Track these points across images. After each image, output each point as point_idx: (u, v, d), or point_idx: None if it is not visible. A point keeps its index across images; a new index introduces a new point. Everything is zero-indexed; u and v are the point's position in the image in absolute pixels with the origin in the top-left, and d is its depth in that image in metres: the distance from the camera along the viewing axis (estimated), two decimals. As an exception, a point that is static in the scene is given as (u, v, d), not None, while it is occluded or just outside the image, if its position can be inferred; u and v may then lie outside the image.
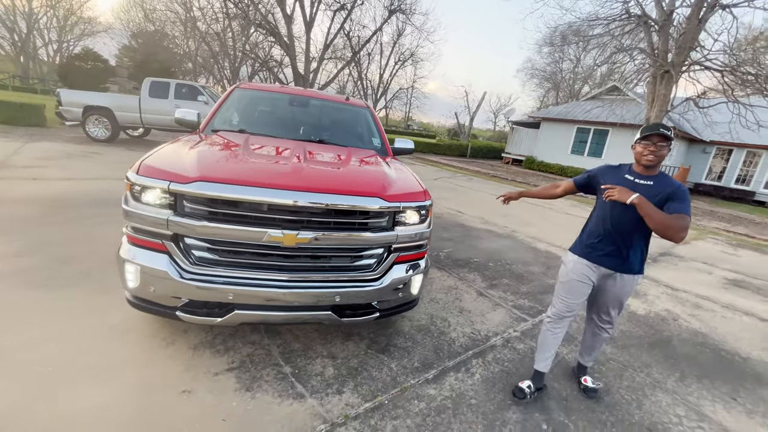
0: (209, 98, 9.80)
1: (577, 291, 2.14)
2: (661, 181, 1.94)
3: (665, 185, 1.90)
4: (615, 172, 2.09)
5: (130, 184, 1.87)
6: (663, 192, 1.87)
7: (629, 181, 1.98)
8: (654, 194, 1.87)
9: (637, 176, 1.98)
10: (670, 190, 1.87)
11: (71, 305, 2.48)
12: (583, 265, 2.11)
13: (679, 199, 1.82)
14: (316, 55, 23.13)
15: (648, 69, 13.48)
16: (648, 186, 1.92)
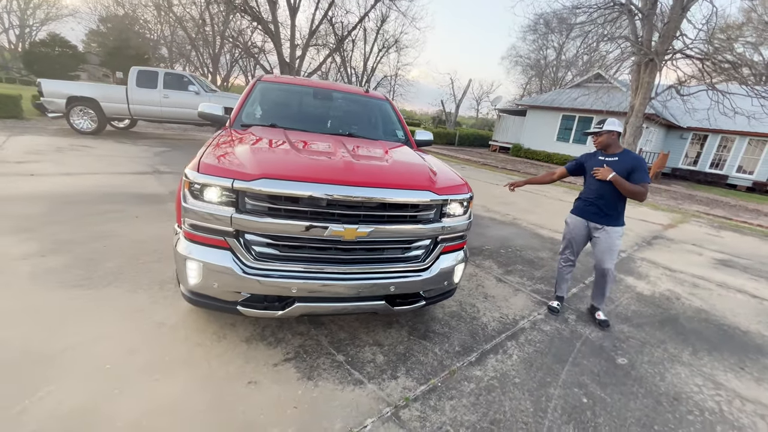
0: (200, 88, 9.52)
1: (576, 241, 3.13)
2: (624, 156, 2.86)
3: (628, 160, 2.83)
4: (593, 156, 3.02)
5: (189, 182, 1.88)
6: (627, 165, 2.80)
7: (601, 161, 2.92)
8: (621, 168, 2.80)
9: (606, 156, 2.94)
10: (631, 163, 2.79)
11: (113, 304, 2.47)
12: (579, 221, 3.08)
13: (640, 170, 2.76)
14: (300, 41, 22.63)
15: (629, 56, 13.85)
16: (615, 161, 2.86)
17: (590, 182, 2.99)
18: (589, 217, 3.00)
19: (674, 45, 12.52)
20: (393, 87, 41.30)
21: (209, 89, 9.95)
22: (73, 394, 1.73)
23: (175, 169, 6.77)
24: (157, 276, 2.91)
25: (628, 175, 2.77)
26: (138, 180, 5.68)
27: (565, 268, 3.23)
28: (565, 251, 3.19)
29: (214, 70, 29.54)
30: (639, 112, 12.98)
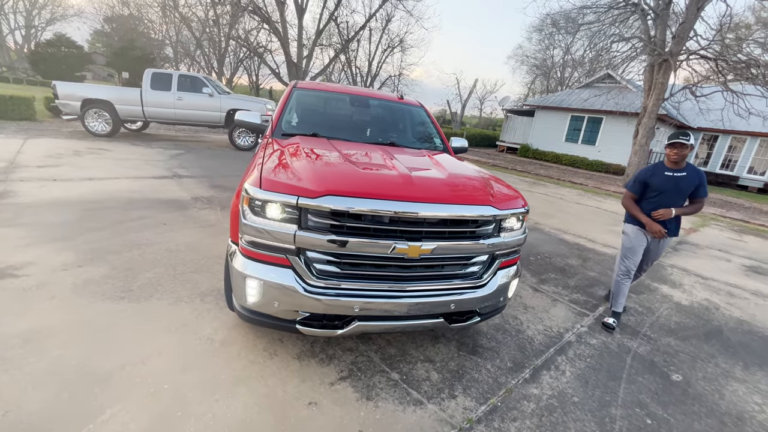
0: (214, 90, 9.48)
1: (637, 251, 3.05)
2: (691, 171, 2.85)
3: (695, 175, 2.85)
4: (657, 171, 2.91)
5: (250, 197, 1.83)
6: (695, 180, 2.83)
7: (669, 176, 2.86)
8: (690, 183, 2.83)
9: (673, 171, 2.86)
10: (698, 178, 2.84)
11: (158, 318, 2.43)
12: (640, 231, 3.05)
13: (704, 185, 2.86)
14: (307, 42, 22.57)
15: (638, 56, 13.73)
16: (684, 177, 2.83)
17: (651, 202, 2.95)
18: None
19: (688, 45, 12.40)
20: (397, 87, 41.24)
21: (223, 91, 9.91)
22: (137, 417, 1.69)
23: (193, 172, 6.73)
24: (196, 288, 2.87)
25: (695, 189, 2.85)
26: (159, 185, 5.64)
27: (623, 280, 3.10)
28: (627, 263, 3.07)
29: (219, 70, 29.54)
30: (652, 113, 12.85)
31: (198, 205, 4.87)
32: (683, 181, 2.82)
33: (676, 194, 2.85)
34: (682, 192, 2.86)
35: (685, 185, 2.82)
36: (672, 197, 2.86)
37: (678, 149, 2.74)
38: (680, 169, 2.83)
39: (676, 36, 12.15)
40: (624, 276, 3.10)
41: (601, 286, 3.96)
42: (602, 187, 12.62)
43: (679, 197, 2.86)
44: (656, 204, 2.91)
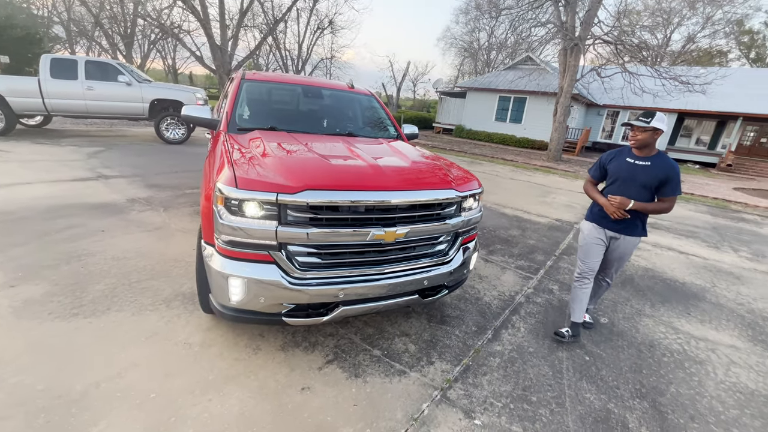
0: (132, 78, 8.53)
1: (592, 252, 2.63)
2: (658, 162, 2.34)
3: (661, 167, 2.32)
4: (618, 156, 2.51)
5: (225, 197, 1.82)
6: (659, 174, 2.30)
7: (630, 163, 2.41)
8: (652, 176, 2.31)
9: (636, 158, 2.40)
10: (664, 173, 2.30)
11: (123, 331, 2.31)
12: (596, 229, 2.61)
13: (672, 182, 2.30)
14: (230, 22, 20.98)
15: (553, 40, 15.08)
16: (646, 167, 2.34)
17: (611, 190, 2.50)
18: (607, 225, 2.54)
19: (593, 31, 13.87)
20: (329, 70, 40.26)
21: (143, 79, 8.94)
22: (130, 428, 1.66)
23: (121, 172, 6.11)
24: (158, 294, 2.74)
25: (660, 184, 2.32)
26: (84, 188, 5.06)
27: (577, 285, 2.71)
28: (583, 267, 2.67)
29: (127, 54, 26.23)
30: (567, 92, 14.27)
31: (137, 208, 4.50)
32: (644, 172, 2.33)
33: (633, 186, 2.38)
34: (642, 184, 2.36)
35: (645, 177, 2.33)
36: (630, 188, 2.39)
37: (633, 131, 2.34)
38: (644, 157, 2.37)
39: (583, 22, 13.50)
40: (578, 280, 2.70)
41: (539, 252, 4.49)
42: (530, 162, 13.84)
43: (640, 191, 2.36)
44: (614, 192, 2.48)
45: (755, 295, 3.89)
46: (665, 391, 2.30)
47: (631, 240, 2.55)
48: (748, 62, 35.33)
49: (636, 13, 29.24)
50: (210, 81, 43.15)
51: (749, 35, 34.90)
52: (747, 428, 2.06)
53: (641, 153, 2.40)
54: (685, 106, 18.51)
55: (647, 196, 2.38)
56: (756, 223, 7.65)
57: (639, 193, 2.37)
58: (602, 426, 1.97)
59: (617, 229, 2.52)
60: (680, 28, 31.90)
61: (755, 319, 3.36)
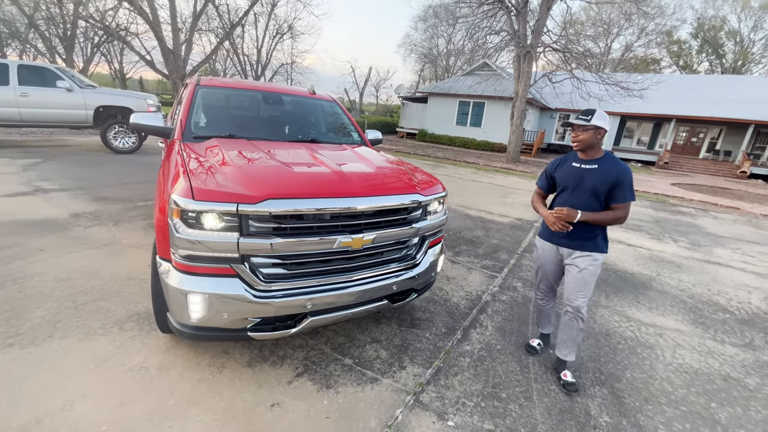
0: (73, 83, 7.91)
1: (548, 270, 2.42)
2: (606, 164, 2.09)
3: (610, 169, 2.07)
4: (563, 163, 2.27)
5: (181, 209, 1.72)
6: (608, 177, 2.05)
7: (576, 168, 2.17)
8: (600, 180, 2.07)
9: (582, 162, 2.16)
10: (614, 176, 2.05)
11: (68, 359, 2.11)
12: (548, 246, 2.35)
13: (624, 186, 2.05)
14: (183, 26, 20.12)
15: (507, 47, 15.83)
16: (593, 170, 2.10)
17: (560, 202, 2.26)
18: (558, 241, 2.27)
19: (543, 39, 14.71)
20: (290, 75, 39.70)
21: (86, 85, 8.32)
22: (78, 469, 1.51)
23: (63, 185, 5.63)
24: (109, 316, 2.54)
25: (610, 189, 2.07)
26: (18, 204, 4.61)
27: (538, 300, 2.60)
28: (540, 284, 2.53)
29: (68, 57, 24.34)
30: (522, 97, 14.99)
31: (82, 223, 4.16)
32: (592, 176, 2.10)
33: (583, 193, 2.13)
34: (592, 191, 2.10)
35: (594, 182, 2.08)
36: (579, 197, 2.14)
37: (574, 131, 2.12)
38: (590, 160, 2.14)
39: (534, 31, 14.28)
40: (536, 293, 2.61)
41: (503, 251, 4.65)
42: (491, 164, 14.36)
43: (590, 198, 2.11)
44: (562, 202, 2.25)
45: (694, 281, 4.26)
46: (621, 376, 2.44)
47: (589, 258, 2.18)
48: (678, 69, 38.99)
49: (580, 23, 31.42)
50: (163, 86, 41.06)
51: (678, 45, 38.55)
52: (693, 405, 2.24)
53: (586, 155, 2.16)
54: (626, 110, 20.03)
55: (598, 204, 2.12)
56: (691, 215, 8.40)
57: (589, 201, 2.12)
58: (567, 415, 2.06)
59: (571, 245, 2.21)
60: (619, 38, 34.66)
61: (695, 303, 3.67)
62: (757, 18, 33.96)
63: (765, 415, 2.20)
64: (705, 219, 8.06)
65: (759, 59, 34.96)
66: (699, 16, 36.92)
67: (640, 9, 15.08)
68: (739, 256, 5.45)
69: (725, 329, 3.21)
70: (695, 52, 38.93)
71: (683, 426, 2.07)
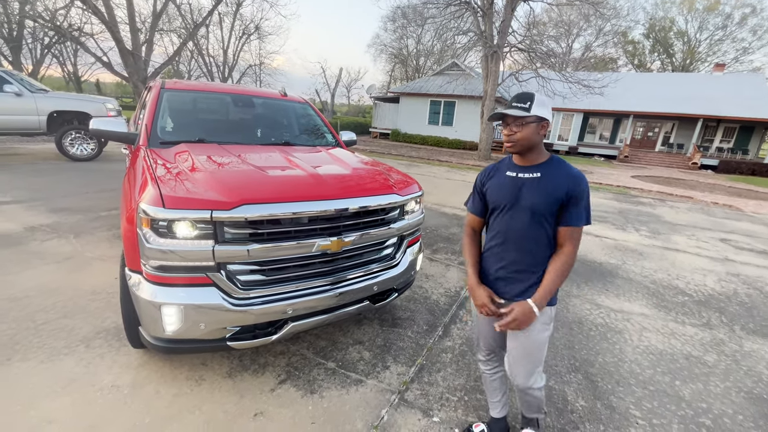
0: (22, 87, 7.39)
1: (484, 327, 1.71)
2: (552, 172, 1.43)
3: (558, 179, 1.40)
4: (496, 173, 1.58)
5: (151, 219, 1.65)
6: (556, 190, 1.39)
7: (510, 178, 1.49)
8: (544, 194, 1.40)
9: (518, 170, 1.48)
10: (565, 188, 1.39)
11: (33, 382, 1.97)
12: (482, 292, 1.56)
13: (579, 201, 1.39)
14: (142, 26, 19.23)
15: (474, 47, 16.24)
16: (535, 180, 1.43)
17: (494, 222, 1.57)
18: (493, 285, 1.58)
19: (509, 39, 15.16)
20: (259, 77, 38.86)
21: (37, 89, 7.79)
22: (46, 499, 1.42)
23: (16, 196, 5.25)
24: (74, 334, 2.40)
25: (561, 207, 1.41)
26: (-35, 218, 4.26)
27: (488, 371, 1.82)
28: (479, 341, 1.80)
29: (14, 59, 22.70)
30: (492, 96, 15.39)
31: (39, 237, 3.90)
32: (531, 188, 1.44)
33: (522, 214, 1.46)
34: (532, 210, 1.43)
35: (535, 197, 1.42)
36: (517, 221, 1.47)
37: (508, 127, 1.42)
38: (530, 167, 1.47)
39: (500, 31, 14.68)
40: (482, 361, 1.83)
41: (478, 247, 4.76)
42: (463, 162, 14.64)
43: (531, 223, 1.44)
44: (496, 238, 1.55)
45: (655, 267, 4.53)
46: (594, 362, 2.56)
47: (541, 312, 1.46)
48: (633, 68, 41.23)
49: (543, 24, 32.57)
50: (123, 89, 39.14)
51: (632, 44, 40.79)
52: (659, 384, 2.38)
53: (525, 160, 1.48)
54: (588, 107, 20.97)
55: (543, 231, 1.44)
56: (650, 205, 8.92)
57: (530, 227, 1.44)
58: (546, 402, 2.14)
59: (506, 289, 1.54)
60: (579, 38, 36.23)
61: (658, 288, 3.90)
62: (702, 19, 36.49)
63: (723, 389, 2.38)
64: (662, 208, 8.57)
65: (705, 57, 37.58)
66: (650, 17, 39.27)
67: (598, 11, 15.83)
68: (694, 242, 5.84)
69: (685, 311, 3.43)
70: (648, 52, 41.33)
71: (651, 404, 2.19)
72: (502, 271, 1.54)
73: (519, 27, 15.75)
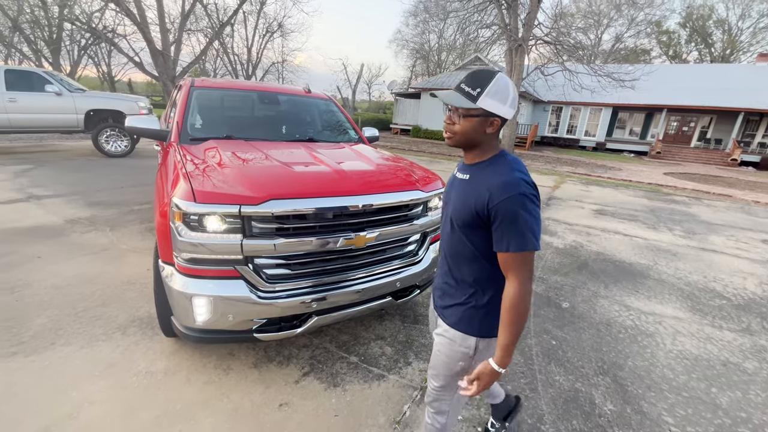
0: (62, 87, 7.80)
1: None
2: (480, 174, 1.12)
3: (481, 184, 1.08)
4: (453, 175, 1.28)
5: (183, 213, 1.71)
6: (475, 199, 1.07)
7: (454, 177, 1.26)
8: (462, 200, 1.13)
9: (460, 168, 1.23)
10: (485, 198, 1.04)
11: (73, 366, 2.10)
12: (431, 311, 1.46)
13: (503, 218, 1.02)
14: (171, 26, 19.86)
15: (498, 40, 15.86)
16: (463, 182, 1.17)
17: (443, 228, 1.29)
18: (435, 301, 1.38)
19: (535, 32, 14.73)
20: (281, 74, 39.42)
21: (75, 88, 8.20)
22: (88, 476, 1.51)
23: (56, 191, 5.56)
24: (111, 322, 2.52)
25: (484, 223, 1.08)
26: (12, 211, 4.55)
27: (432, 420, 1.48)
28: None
29: (54, 61, 23.95)
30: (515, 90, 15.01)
31: (78, 229, 4.12)
32: (458, 192, 1.19)
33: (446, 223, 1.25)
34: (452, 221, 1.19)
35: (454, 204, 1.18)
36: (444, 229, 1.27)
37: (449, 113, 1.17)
38: (468, 166, 1.19)
39: (525, 24, 14.29)
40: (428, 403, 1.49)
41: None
42: (485, 158, 14.38)
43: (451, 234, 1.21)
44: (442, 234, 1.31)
45: (690, 269, 4.32)
46: (624, 365, 2.48)
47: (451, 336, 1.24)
48: (668, 59, 39.24)
49: (570, 15, 31.46)
50: (153, 88, 40.58)
51: (667, 35, 38.78)
52: (694, 390, 2.27)
53: (467, 157, 1.20)
54: (618, 101, 20.15)
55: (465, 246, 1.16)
56: (685, 203, 8.50)
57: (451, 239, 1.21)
58: (572, 405, 2.09)
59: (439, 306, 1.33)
60: (609, 29, 34.80)
61: (692, 290, 3.73)
62: (744, 6, 34.26)
63: (764, 398, 2.25)
64: (698, 207, 8.16)
65: (747, 47, 35.30)
66: (687, 5, 37.19)
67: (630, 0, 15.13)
68: (733, 242, 5.53)
69: (722, 315, 3.26)
70: (684, 42, 39.21)
71: (686, 411, 2.10)
72: (438, 280, 1.37)
73: (545, 19, 15.26)
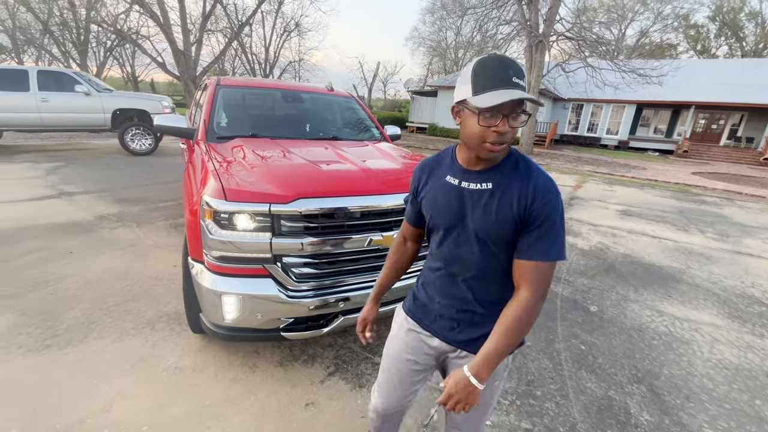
0: (90, 87, 8.05)
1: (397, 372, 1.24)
2: (508, 179, 0.93)
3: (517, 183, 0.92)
4: (432, 176, 1.06)
5: (214, 211, 1.72)
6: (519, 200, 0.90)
7: (452, 186, 0.99)
8: (497, 206, 0.92)
9: (464, 176, 0.97)
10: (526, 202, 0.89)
11: (105, 359, 2.14)
12: (409, 329, 1.19)
13: (544, 222, 0.89)
14: (193, 27, 20.27)
15: (518, 36, 15.54)
16: (485, 193, 0.94)
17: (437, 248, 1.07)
18: (429, 325, 1.14)
19: (556, 28, 14.38)
20: (298, 73, 39.72)
21: (103, 88, 8.46)
22: (123, 469, 1.53)
23: (86, 187, 5.74)
24: (141, 317, 2.57)
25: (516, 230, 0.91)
26: (45, 207, 4.72)
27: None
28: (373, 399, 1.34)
29: (82, 62, 24.80)
30: (535, 88, 14.71)
31: (107, 225, 4.23)
32: (482, 209, 0.93)
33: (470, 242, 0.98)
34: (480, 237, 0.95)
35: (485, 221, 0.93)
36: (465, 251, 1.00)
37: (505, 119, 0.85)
38: (479, 173, 0.95)
39: (546, 19, 13.97)
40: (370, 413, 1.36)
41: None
42: (504, 157, 14.14)
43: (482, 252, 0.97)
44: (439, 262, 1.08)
45: (725, 273, 4.12)
46: (659, 373, 2.37)
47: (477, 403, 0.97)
48: (696, 54, 37.73)
49: (593, 9, 30.62)
50: (174, 88, 41.57)
51: (695, 29, 37.28)
52: (737, 402, 2.16)
53: (481, 165, 0.96)
54: (642, 98, 19.50)
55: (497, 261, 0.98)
56: (716, 204, 8.15)
57: (483, 259, 0.98)
58: (606, 414, 2.01)
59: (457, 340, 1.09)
60: (634, 24, 33.73)
61: (729, 296, 3.55)
62: (779, -2, 32.59)
63: (814, 413, 2.11)
64: (731, 208, 7.80)
65: (782, 41, 33.60)
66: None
67: (657, -7, 14.59)
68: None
69: (763, 323, 3.10)
70: (713, 36, 37.61)
71: (728, 424, 1.99)
72: (447, 309, 1.08)
73: (567, 14, 14.90)
